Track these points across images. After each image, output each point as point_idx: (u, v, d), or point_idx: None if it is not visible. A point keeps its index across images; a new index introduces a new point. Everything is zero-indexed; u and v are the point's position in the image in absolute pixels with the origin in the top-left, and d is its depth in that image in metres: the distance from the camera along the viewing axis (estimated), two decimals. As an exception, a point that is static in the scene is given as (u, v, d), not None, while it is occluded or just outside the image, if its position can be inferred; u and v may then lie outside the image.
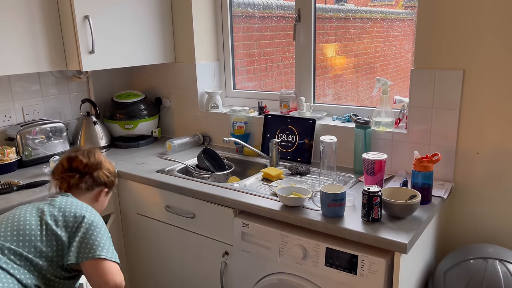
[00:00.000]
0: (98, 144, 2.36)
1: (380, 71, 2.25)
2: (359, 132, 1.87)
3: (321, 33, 2.22)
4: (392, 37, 2.18)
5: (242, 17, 2.51)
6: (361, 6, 2.27)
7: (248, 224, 1.62)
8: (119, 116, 2.47)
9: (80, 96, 2.52)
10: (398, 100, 1.96)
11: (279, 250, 1.55)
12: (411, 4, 2.14)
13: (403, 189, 1.53)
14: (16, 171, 2.07)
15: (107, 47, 2.14)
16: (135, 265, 2.17)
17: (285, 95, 2.20)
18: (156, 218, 1.99)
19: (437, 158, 1.53)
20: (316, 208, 1.52)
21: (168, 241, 1.97)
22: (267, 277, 1.61)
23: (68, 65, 2.11)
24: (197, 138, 2.47)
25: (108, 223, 2.07)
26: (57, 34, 2.06)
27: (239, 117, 2.31)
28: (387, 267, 1.34)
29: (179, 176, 1.93)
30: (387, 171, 1.90)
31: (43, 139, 2.17)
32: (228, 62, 2.54)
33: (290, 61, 2.42)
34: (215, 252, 1.81)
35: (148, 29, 2.32)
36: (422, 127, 1.77)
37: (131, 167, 2.08)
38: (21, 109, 2.26)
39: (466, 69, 1.64)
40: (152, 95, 2.69)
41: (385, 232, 1.36)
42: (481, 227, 1.73)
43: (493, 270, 1.41)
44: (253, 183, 1.85)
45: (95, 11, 2.05)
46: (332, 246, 1.43)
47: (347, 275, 1.40)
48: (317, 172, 1.94)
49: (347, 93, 2.41)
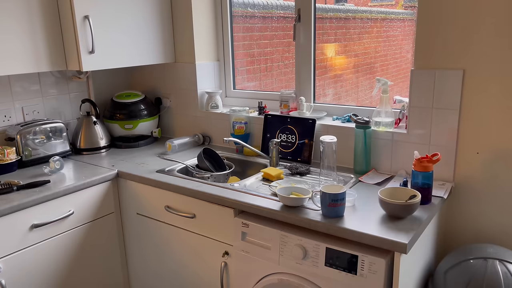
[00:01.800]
0: (98, 144, 2.36)
1: (380, 71, 2.25)
2: (359, 132, 1.87)
3: (321, 33, 2.22)
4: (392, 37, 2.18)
5: (242, 17, 2.51)
6: (361, 6, 2.27)
7: (248, 224, 1.62)
8: (119, 116, 2.47)
9: (80, 96, 2.52)
10: (398, 100, 1.96)
11: (279, 250, 1.55)
12: (411, 4, 2.14)
13: (403, 189, 1.53)
14: (16, 171, 2.07)
15: (107, 47, 2.14)
16: (135, 265, 2.17)
17: (285, 95, 2.20)
18: (156, 218, 1.99)
19: (437, 158, 1.53)
20: (316, 208, 1.52)
21: (168, 241, 1.97)
22: (267, 277, 1.61)
23: (68, 65, 2.11)
24: (197, 138, 2.47)
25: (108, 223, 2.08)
26: (57, 34, 2.06)
27: (239, 117, 2.31)
28: (387, 267, 1.34)
29: (179, 176, 1.93)
30: (387, 171, 1.91)
31: (43, 139, 2.17)
32: (228, 62, 2.54)
33: (290, 61, 2.42)
34: (215, 252, 1.81)
35: (148, 29, 2.32)
36: (422, 127, 1.77)
37: (131, 167, 2.08)
38: (21, 109, 2.26)
39: (466, 69, 1.64)
40: (152, 95, 2.69)
41: (385, 232, 1.36)
42: (481, 227, 1.73)
43: (493, 270, 1.40)
44: (253, 183, 1.85)
45: (95, 11, 2.05)
46: (332, 246, 1.43)
47: (347, 275, 1.40)
48: (317, 172, 1.94)
49: (347, 93, 2.41)
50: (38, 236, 1.80)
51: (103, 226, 2.06)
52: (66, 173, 2.03)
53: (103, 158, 2.26)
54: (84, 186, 1.92)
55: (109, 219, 2.08)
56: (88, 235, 1.99)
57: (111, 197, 2.07)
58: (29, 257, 1.78)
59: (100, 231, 2.05)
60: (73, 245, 1.94)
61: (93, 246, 2.02)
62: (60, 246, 1.88)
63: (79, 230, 1.95)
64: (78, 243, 1.96)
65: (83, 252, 1.99)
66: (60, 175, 2.00)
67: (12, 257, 1.72)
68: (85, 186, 1.92)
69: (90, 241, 2.01)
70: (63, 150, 2.26)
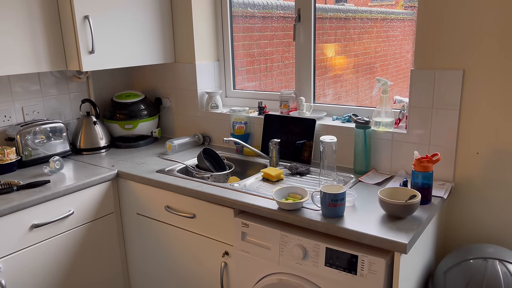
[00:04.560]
0: (98, 144, 2.36)
1: (380, 71, 2.25)
2: (359, 132, 1.87)
3: (321, 33, 2.22)
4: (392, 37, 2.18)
5: (242, 17, 2.51)
6: (361, 6, 2.27)
7: (248, 224, 1.62)
8: (119, 116, 2.47)
9: (80, 96, 2.52)
10: (398, 100, 1.96)
11: (279, 250, 1.55)
12: (411, 4, 2.14)
13: (403, 189, 1.53)
14: (16, 171, 2.07)
15: (107, 47, 2.14)
16: (135, 265, 2.17)
17: (285, 95, 2.20)
18: (156, 218, 1.99)
19: (437, 158, 1.53)
20: (316, 208, 1.52)
21: (168, 241, 1.97)
22: (267, 277, 1.61)
23: (68, 65, 2.11)
24: (197, 138, 2.47)
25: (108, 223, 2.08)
26: (57, 34, 2.06)
27: (239, 117, 2.31)
28: (387, 267, 1.34)
29: (179, 176, 1.93)
30: (387, 171, 1.91)
31: (43, 139, 2.17)
32: (228, 62, 2.54)
33: (290, 61, 2.42)
34: (215, 252, 1.81)
35: (148, 29, 2.32)
36: (422, 127, 1.77)
37: (131, 167, 2.08)
38: (21, 109, 2.26)
39: (466, 69, 1.64)
40: (152, 95, 2.69)
41: (385, 232, 1.36)
42: (481, 227, 1.73)
43: (493, 270, 1.41)
44: (253, 183, 1.85)
45: (95, 11, 2.05)
46: (332, 246, 1.43)
47: (347, 275, 1.40)
48: (317, 172, 1.94)
49: (347, 93, 2.41)
50: (38, 236, 1.80)
51: (103, 226, 2.06)
52: (66, 173, 2.03)
53: (103, 158, 2.26)
54: (84, 186, 1.92)
55: (109, 219, 2.08)
56: (88, 235, 1.99)
57: (111, 197, 2.07)
58: (29, 257, 1.78)
59: (100, 231, 2.05)
60: (73, 245, 1.94)
61: (93, 246, 2.02)
62: (60, 246, 1.88)
63: (79, 230, 1.95)
64: (78, 243, 1.96)
65: (83, 252, 1.99)
66: (60, 175, 2.00)
67: (12, 257, 1.72)
68: (85, 186, 1.92)
69: (90, 241, 2.01)
70: (63, 150, 2.26)
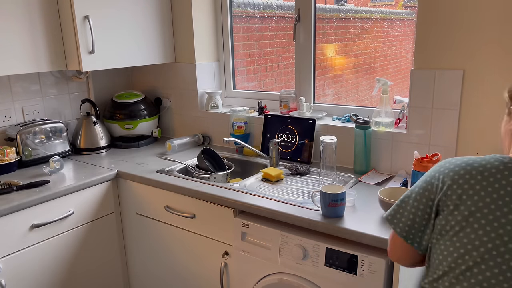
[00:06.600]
0: (98, 144, 2.36)
1: (380, 71, 2.25)
2: (359, 132, 1.87)
3: (321, 33, 2.22)
4: (392, 37, 2.18)
5: (242, 17, 2.51)
6: (361, 6, 2.27)
7: (248, 224, 1.62)
8: (119, 116, 2.47)
9: (80, 96, 2.52)
10: (398, 100, 1.96)
11: (279, 250, 1.55)
12: (411, 4, 2.14)
13: (403, 189, 1.53)
14: (16, 171, 2.07)
15: (107, 47, 2.14)
16: (135, 265, 2.17)
17: (285, 95, 2.20)
18: (156, 218, 1.99)
19: (437, 158, 1.53)
20: (316, 208, 1.52)
21: (168, 241, 1.97)
22: (267, 277, 1.61)
23: (68, 65, 2.11)
24: (197, 138, 2.47)
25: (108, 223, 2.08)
26: (57, 34, 2.06)
27: (239, 117, 2.31)
28: (387, 267, 1.34)
29: (179, 176, 1.93)
30: (387, 171, 1.91)
31: (43, 139, 2.17)
32: (228, 62, 2.54)
33: (290, 61, 2.42)
34: (215, 252, 1.81)
35: (148, 29, 2.32)
36: (422, 127, 1.77)
37: (131, 167, 2.08)
38: (21, 109, 2.26)
39: (466, 69, 1.64)
40: (152, 95, 2.69)
41: (385, 232, 1.36)
42: (481, 227, 1.72)
43: (493, 270, 1.40)
44: (253, 183, 1.85)
45: (95, 11, 2.05)
46: (332, 246, 1.43)
47: (347, 275, 1.40)
48: (317, 172, 1.94)
49: (347, 93, 2.41)
50: (38, 236, 1.80)
51: (103, 226, 2.06)
52: (66, 173, 2.03)
53: (103, 158, 2.26)
54: (84, 186, 1.92)
55: (109, 219, 2.08)
56: (88, 235, 1.99)
57: (111, 197, 2.07)
58: (29, 257, 1.78)
59: (100, 231, 2.04)
60: (73, 245, 1.94)
61: (93, 246, 2.02)
62: (60, 246, 1.88)
63: (79, 230, 1.95)
64: (78, 243, 1.96)
65: (83, 252, 1.99)
66: (60, 175, 2.00)
67: (12, 257, 1.72)
68: (85, 186, 1.92)
69: (90, 241, 2.01)
70: (63, 150, 2.25)
